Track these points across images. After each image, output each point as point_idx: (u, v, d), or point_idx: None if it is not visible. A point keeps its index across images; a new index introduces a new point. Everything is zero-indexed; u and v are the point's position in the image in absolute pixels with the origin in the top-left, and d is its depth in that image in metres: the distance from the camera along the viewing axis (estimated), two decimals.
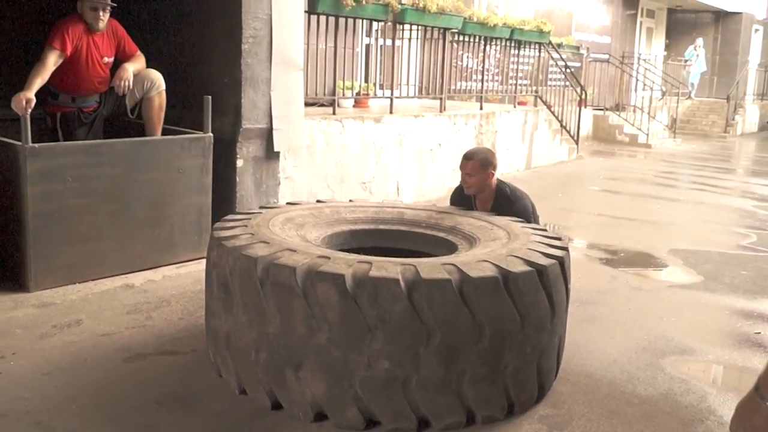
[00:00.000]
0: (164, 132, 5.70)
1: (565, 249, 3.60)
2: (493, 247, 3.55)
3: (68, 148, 5.01)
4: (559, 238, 3.79)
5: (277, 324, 3.10)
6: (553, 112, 12.58)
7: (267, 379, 3.23)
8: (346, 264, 3.06)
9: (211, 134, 5.59)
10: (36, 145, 4.70)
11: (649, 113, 16.70)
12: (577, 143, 13.19)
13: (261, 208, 4.30)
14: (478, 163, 4.46)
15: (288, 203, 4.52)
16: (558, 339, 3.54)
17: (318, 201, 4.65)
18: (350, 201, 4.72)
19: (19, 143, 4.66)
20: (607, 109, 16.99)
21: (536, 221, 4.61)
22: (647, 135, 16.24)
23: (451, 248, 3.86)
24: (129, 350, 3.93)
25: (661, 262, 6.25)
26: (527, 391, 3.37)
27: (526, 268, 3.19)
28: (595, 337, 4.44)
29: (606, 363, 4.06)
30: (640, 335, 4.51)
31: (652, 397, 3.66)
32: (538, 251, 3.44)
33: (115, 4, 5.47)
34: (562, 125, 12.81)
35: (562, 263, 3.44)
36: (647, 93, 17.47)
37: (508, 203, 4.48)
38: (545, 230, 4.05)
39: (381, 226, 4.26)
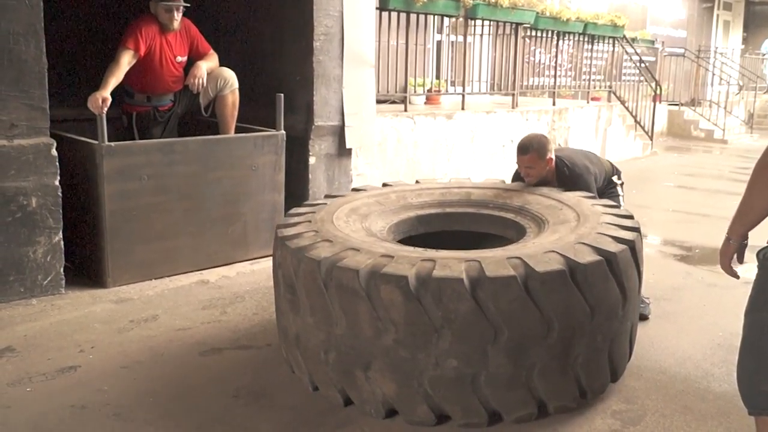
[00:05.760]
0: (237, 130, 5.74)
1: (637, 230, 3.47)
2: (562, 232, 3.44)
3: (144, 147, 5.07)
4: (631, 216, 3.67)
5: (344, 325, 3.05)
6: (627, 108, 12.34)
7: (337, 378, 3.19)
8: (410, 263, 2.99)
9: (283, 132, 5.60)
10: (112, 143, 4.77)
11: (725, 108, 16.25)
12: (651, 139, 12.91)
13: (326, 197, 4.25)
14: (536, 154, 4.26)
15: (353, 189, 4.46)
16: (630, 324, 3.44)
17: (384, 185, 4.56)
18: (417, 182, 4.62)
19: (96, 142, 4.73)
20: (682, 104, 16.57)
21: (609, 177, 4.52)
22: (723, 130, 15.77)
23: (519, 230, 3.76)
24: (205, 345, 3.95)
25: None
26: (600, 379, 3.30)
27: (595, 257, 3.08)
28: (669, 333, 4.33)
29: (680, 359, 3.96)
30: (714, 332, 4.36)
31: (727, 394, 3.54)
32: (608, 235, 3.31)
33: (189, 5, 5.52)
34: (636, 121, 12.55)
35: (633, 248, 3.31)
36: (724, 87, 17.01)
37: (570, 183, 4.30)
38: (616, 207, 3.89)
39: (448, 209, 4.15)
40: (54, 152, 4.55)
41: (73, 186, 4.82)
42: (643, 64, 12.71)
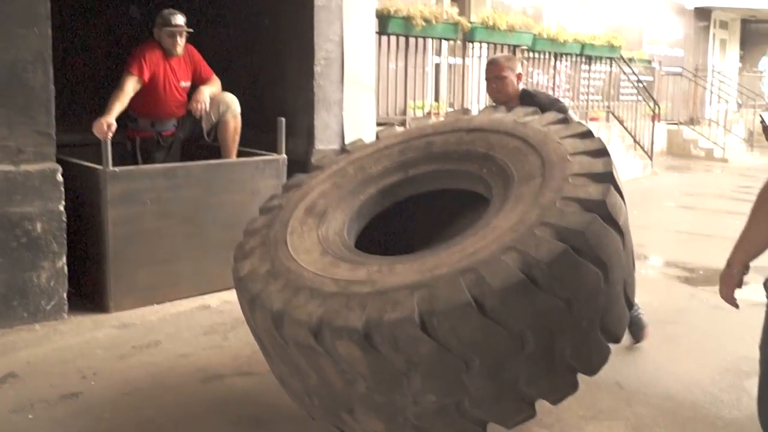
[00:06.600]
0: (239, 154, 5.79)
1: (609, 175, 3.01)
2: (526, 201, 3.03)
3: (147, 172, 5.13)
4: (602, 151, 3.16)
5: (315, 378, 2.94)
6: (625, 128, 12.40)
7: (327, 417, 3.14)
8: (360, 306, 2.75)
9: (284, 156, 5.65)
10: (116, 168, 4.83)
11: (724, 126, 16.32)
12: (651, 158, 12.95)
13: (284, 189, 3.86)
14: (505, 62, 4.28)
15: (313, 165, 4.04)
16: (620, 287, 3.08)
17: (343, 149, 4.12)
18: (376, 137, 4.11)
19: (100, 167, 4.79)
20: (681, 123, 16.64)
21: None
22: (723, 149, 15.85)
23: (486, 187, 3.42)
24: (206, 371, 3.98)
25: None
26: (597, 355, 3.03)
27: (559, 248, 2.70)
28: (675, 358, 4.31)
29: (687, 384, 3.93)
30: (722, 355, 4.35)
31: (738, 420, 3.55)
32: (575, 199, 2.91)
33: (192, 30, 5.59)
34: (635, 140, 12.60)
35: (605, 211, 2.87)
36: (722, 106, 17.09)
37: (530, 98, 4.23)
38: (586, 137, 3.33)
39: (411, 172, 3.73)
40: (59, 177, 4.60)
41: (77, 210, 4.86)
42: (640, 84, 12.79)
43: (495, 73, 4.30)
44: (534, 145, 3.37)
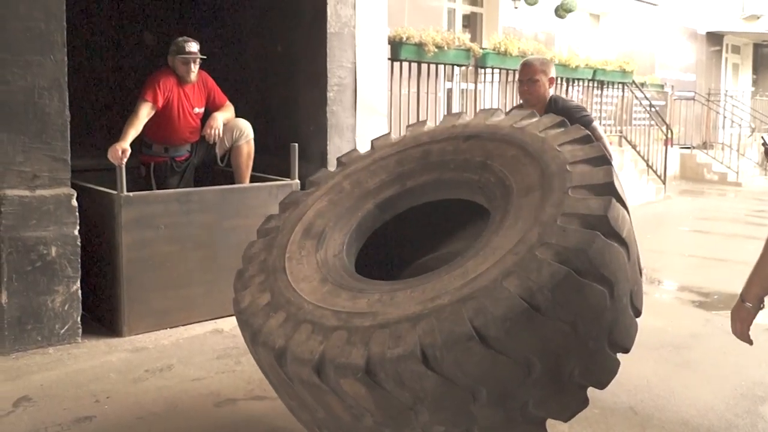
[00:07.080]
0: (252, 179, 5.84)
1: (611, 185, 2.88)
2: (525, 219, 2.92)
3: (161, 197, 5.17)
4: (601, 159, 3.02)
5: (322, 412, 2.90)
6: (638, 152, 12.40)
7: None
8: (363, 342, 2.69)
9: (298, 181, 5.69)
10: (131, 193, 4.88)
11: (738, 150, 16.29)
12: (664, 183, 12.94)
13: (282, 207, 3.77)
14: (539, 65, 4.28)
15: (310, 181, 3.85)
16: (627, 300, 2.97)
17: (338, 162, 3.94)
18: (372, 147, 3.93)
19: (115, 192, 4.84)
20: (694, 148, 16.64)
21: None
22: (737, 173, 15.80)
23: (487, 197, 3.33)
24: (219, 395, 3.98)
25: None
26: (606, 369, 2.95)
27: (561, 271, 2.61)
28: (689, 383, 4.28)
29: (702, 410, 3.91)
30: (737, 381, 4.32)
31: None
32: (576, 215, 2.80)
33: (205, 56, 5.66)
34: (648, 165, 12.60)
35: (608, 226, 2.77)
36: (735, 130, 17.06)
37: (557, 103, 4.28)
38: (584, 144, 3.18)
39: (408, 183, 3.61)
40: (74, 202, 4.65)
41: (92, 235, 4.91)
42: (653, 108, 12.80)
43: (528, 75, 4.34)
44: (532, 154, 3.23)
